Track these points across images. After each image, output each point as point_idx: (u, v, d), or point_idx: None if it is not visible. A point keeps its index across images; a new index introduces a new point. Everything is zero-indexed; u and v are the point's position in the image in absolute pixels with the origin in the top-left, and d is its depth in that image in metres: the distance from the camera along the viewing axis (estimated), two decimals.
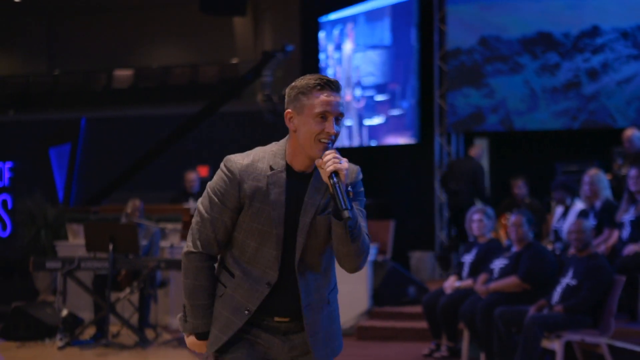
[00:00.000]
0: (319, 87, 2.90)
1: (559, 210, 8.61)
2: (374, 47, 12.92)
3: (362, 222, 2.95)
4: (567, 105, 11.57)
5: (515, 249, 7.20)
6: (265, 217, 2.92)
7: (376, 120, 12.93)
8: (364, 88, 13.10)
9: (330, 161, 2.82)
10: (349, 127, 13.43)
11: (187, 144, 16.99)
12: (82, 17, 21.89)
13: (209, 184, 3.01)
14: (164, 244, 9.55)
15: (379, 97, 12.91)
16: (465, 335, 7.62)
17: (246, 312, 2.95)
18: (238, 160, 2.97)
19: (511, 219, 7.20)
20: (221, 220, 2.96)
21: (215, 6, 16.70)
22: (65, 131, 19.75)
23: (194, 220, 3.04)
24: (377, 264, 9.68)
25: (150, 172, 16.46)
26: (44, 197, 10.78)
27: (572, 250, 6.83)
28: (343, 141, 13.35)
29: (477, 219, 7.87)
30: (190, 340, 3.06)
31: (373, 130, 13.09)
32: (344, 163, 2.83)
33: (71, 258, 8.50)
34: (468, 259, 7.84)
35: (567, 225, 8.25)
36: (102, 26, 21.51)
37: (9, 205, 20.90)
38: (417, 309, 9.35)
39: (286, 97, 2.99)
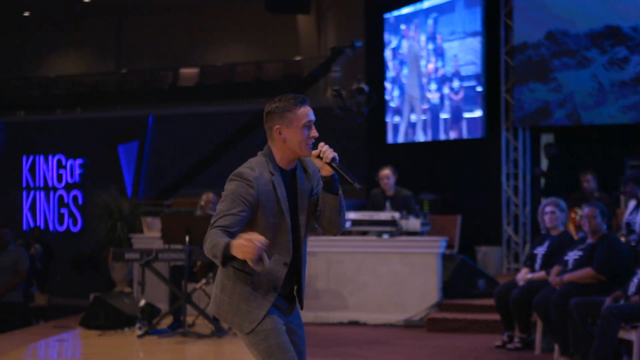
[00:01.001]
0: (299, 103, 3.68)
1: (631, 204, 8.58)
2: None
3: None
4: (635, 99, 11.52)
5: (589, 241, 7.23)
6: (277, 211, 3.66)
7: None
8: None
9: (328, 152, 3.61)
10: (424, 121, 13.42)
11: (252, 140, 17.18)
12: (149, 16, 22.29)
13: (226, 193, 3.64)
14: None
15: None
16: (539, 326, 7.68)
17: (274, 290, 3.68)
18: (249, 172, 3.64)
19: (584, 211, 7.23)
20: (240, 215, 3.59)
21: (280, 4, 16.88)
22: (133, 128, 20.15)
23: (212, 220, 3.64)
24: (446, 257, 9.77)
25: (216, 169, 16.71)
26: (119, 191, 11.05)
27: None
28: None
29: (550, 211, 7.91)
30: (237, 250, 3.43)
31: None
32: (333, 152, 3.62)
33: (149, 250, 8.74)
34: (540, 251, 7.89)
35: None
36: (168, 25, 21.88)
37: (80, 201, 21.40)
38: (487, 301, 9.45)
39: (269, 115, 3.71)
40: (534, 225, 12.73)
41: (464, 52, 12.68)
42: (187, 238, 8.59)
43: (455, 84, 12.88)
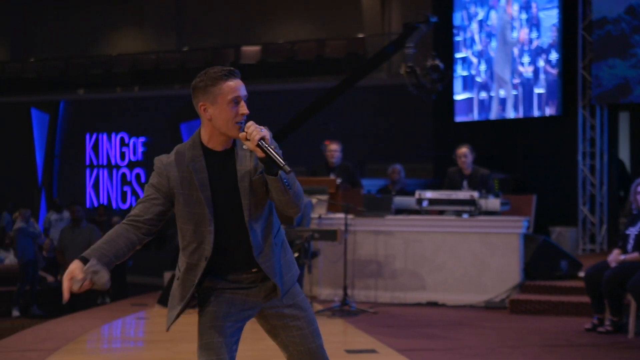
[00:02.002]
0: (224, 77, 3.30)
1: None
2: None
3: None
4: None
5: None
6: (195, 201, 3.32)
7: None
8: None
9: (255, 132, 3.19)
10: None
11: (316, 119, 16.98)
12: None
13: (147, 183, 3.42)
14: (312, 215, 9.63)
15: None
16: (632, 309, 7.44)
17: (191, 286, 3.36)
18: (163, 158, 3.38)
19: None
20: (151, 203, 3.33)
21: None
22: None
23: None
24: (527, 238, 9.54)
25: (287, 146, 16.58)
26: None
27: None
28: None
29: None
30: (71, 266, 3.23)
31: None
32: (265, 130, 3.22)
33: None
34: (633, 231, 7.64)
35: None
36: (229, 3, 21.78)
37: (142, 179, 21.49)
38: (571, 283, 9.25)
39: (194, 92, 3.35)
40: (611, 205, 12.46)
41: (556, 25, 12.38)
42: None
43: (553, 56, 12.52)
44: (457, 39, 14.01)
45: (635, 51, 11.60)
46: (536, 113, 12.74)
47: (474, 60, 13.86)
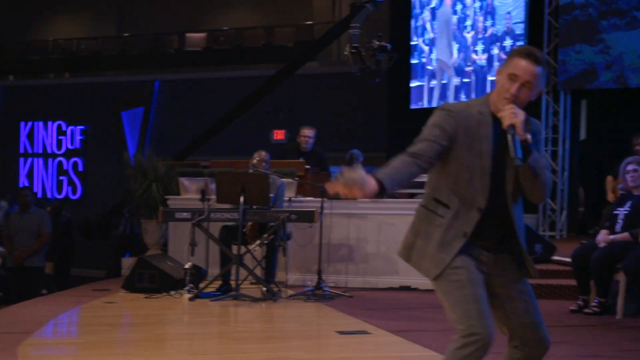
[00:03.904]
0: (522, 54, 3.33)
1: None
2: None
3: (543, 161, 3.38)
4: None
5: None
6: (476, 151, 3.34)
7: None
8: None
9: (506, 116, 3.25)
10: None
11: (263, 106, 16.63)
12: None
13: (428, 123, 3.39)
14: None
15: None
16: (621, 290, 7.29)
17: (463, 235, 3.37)
18: (454, 104, 3.44)
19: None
20: (434, 142, 3.31)
21: None
22: (137, 94, 19.57)
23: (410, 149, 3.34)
24: None
25: (225, 136, 16.21)
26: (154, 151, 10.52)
27: None
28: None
29: (632, 169, 7.52)
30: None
31: None
32: (519, 116, 3.24)
33: (201, 209, 8.27)
34: (622, 211, 7.50)
35: None
36: None
37: (80, 168, 20.82)
38: (547, 266, 9.11)
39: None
40: (572, 191, 12.39)
41: (520, 9, 12.20)
42: (242, 198, 8.12)
43: (507, 42, 12.38)
44: (412, 26, 13.83)
45: (603, 37, 11.54)
46: None
47: (425, 48, 13.70)
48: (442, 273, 3.37)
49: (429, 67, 13.57)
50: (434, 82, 13.53)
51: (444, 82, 13.33)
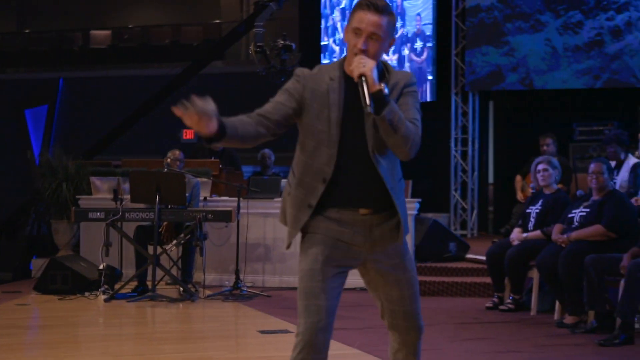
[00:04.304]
0: (363, 6, 3.16)
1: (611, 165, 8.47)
2: None
3: (412, 114, 3.17)
4: (589, 64, 11.49)
5: (595, 197, 7.04)
6: (324, 118, 3.19)
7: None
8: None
9: (355, 67, 3.06)
10: None
11: (169, 104, 16.46)
12: None
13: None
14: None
15: None
16: (535, 287, 7.48)
17: (308, 207, 3.22)
18: (305, 70, 3.28)
19: (591, 167, 7.04)
20: (284, 105, 3.20)
21: None
22: (41, 92, 19.12)
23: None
24: (417, 220, 9.48)
25: (132, 134, 15.98)
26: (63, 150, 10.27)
27: None
28: None
29: (542, 169, 7.72)
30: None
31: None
32: (367, 65, 3.05)
33: (115, 209, 8.13)
34: (534, 210, 7.69)
35: (620, 179, 8.17)
36: None
37: None
38: (460, 264, 9.29)
39: None
40: (481, 191, 12.65)
41: (430, 10, 12.38)
42: (157, 197, 8.03)
43: (418, 44, 12.56)
44: (322, 26, 13.90)
45: (508, 39, 11.81)
46: None
47: (336, 48, 13.79)
48: (289, 245, 3.36)
49: None
50: None
51: None
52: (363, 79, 3.04)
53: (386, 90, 3.06)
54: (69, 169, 9.93)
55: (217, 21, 19.16)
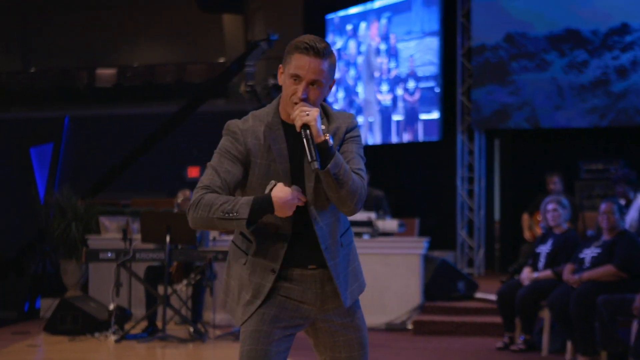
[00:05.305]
0: (303, 50, 2.92)
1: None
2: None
3: (356, 164, 2.97)
4: (594, 102, 11.55)
5: (605, 237, 7.06)
6: (272, 172, 2.95)
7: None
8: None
9: (297, 116, 2.85)
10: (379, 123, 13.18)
11: (177, 144, 16.57)
12: (60, 14, 21.33)
13: (217, 149, 3.02)
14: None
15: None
16: (546, 327, 7.48)
17: (272, 272, 2.98)
18: (238, 123, 3.01)
19: (602, 207, 7.06)
20: (229, 170, 2.94)
21: (212, 4, 16.40)
22: (46, 130, 19.18)
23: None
24: (426, 259, 9.49)
25: (136, 172, 16.03)
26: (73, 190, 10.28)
27: None
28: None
29: (552, 209, 7.75)
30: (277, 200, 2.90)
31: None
32: (311, 114, 2.85)
33: (126, 249, 8.15)
34: (544, 249, 7.71)
35: (630, 219, 8.19)
36: (82, 23, 20.97)
37: None
38: (469, 303, 9.27)
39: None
40: (488, 229, 12.66)
41: (422, 52, 12.49)
42: (167, 237, 8.04)
43: (411, 84, 12.67)
44: None
45: (513, 78, 11.88)
46: (395, 139, 12.89)
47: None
48: (245, 322, 3.02)
49: (336, 107, 13.75)
50: None
51: (370, 119, 13.48)
52: (307, 130, 2.85)
53: (331, 141, 2.88)
54: (78, 208, 9.95)
55: (221, 60, 19.27)
